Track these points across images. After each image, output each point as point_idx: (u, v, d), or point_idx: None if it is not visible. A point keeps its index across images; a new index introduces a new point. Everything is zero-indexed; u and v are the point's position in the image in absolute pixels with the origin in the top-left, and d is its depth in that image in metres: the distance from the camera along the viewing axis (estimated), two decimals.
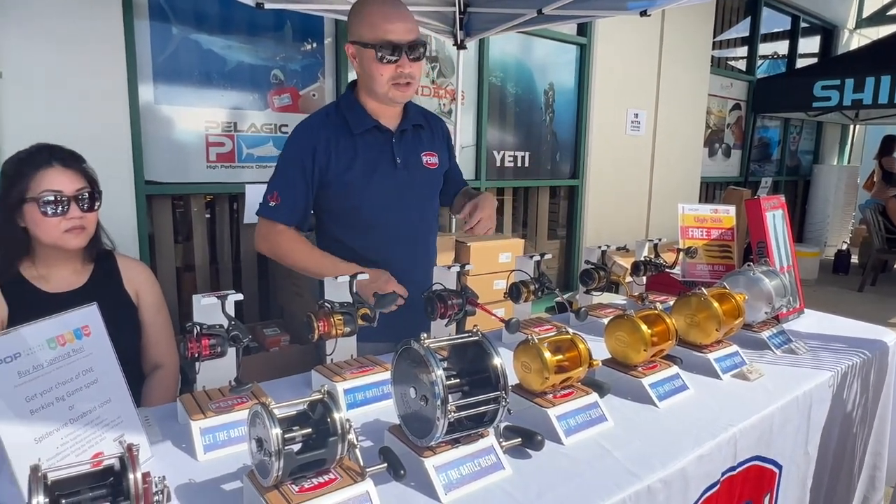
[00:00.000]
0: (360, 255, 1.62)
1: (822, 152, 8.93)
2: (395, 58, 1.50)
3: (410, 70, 1.54)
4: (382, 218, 1.64)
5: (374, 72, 1.53)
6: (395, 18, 1.50)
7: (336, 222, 1.66)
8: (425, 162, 1.71)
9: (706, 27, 6.10)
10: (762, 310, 1.71)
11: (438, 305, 1.41)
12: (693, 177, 6.36)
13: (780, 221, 2.05)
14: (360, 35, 1.52)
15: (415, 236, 1.73)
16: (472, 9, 3.30)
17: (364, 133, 1.61)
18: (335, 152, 1.57)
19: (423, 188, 1.73)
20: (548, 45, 4.74)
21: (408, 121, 1.69)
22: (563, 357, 1.21)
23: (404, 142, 1.67)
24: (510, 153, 4.63)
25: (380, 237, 1.65)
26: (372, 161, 1.61)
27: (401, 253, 1.66)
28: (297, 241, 1.62)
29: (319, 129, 1.59)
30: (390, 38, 1.49)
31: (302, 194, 1.58)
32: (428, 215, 1.77)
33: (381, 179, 1.62)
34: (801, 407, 1.41)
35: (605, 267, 1.84)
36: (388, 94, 1.56)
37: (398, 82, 1.54)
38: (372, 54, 1.50)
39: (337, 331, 1.24)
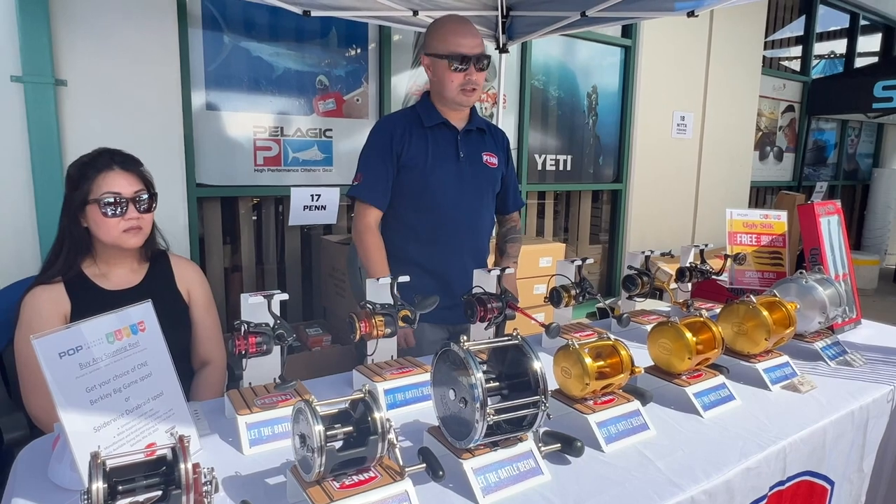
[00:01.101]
0: (418, 235, 1.88)
1: (883, 155, 8.50)
2: (464, 67, 1.78)
3: (476, 78, 1.81)
4: (442, 201, 1.85)
5: (446, 79, 1.80)
6: (466, 34, 1.79)
7: (404, 201, 1.87)
8: (485, 160, 1.95)
9: (757, 27, 5.90)
10: (815, 319, 1.65)
11: (478, 308, 1.41)
12: (743, 181, 6.16)
13: (835, 228, 1.97)
14: (435, 48, 1.81)
15: (469, 223, 1.92)
16: (515, 12, 3.29)
17: (434, 127, 1.87)
18: (409, 141, 1.83)
19: (481, 182, 1.94)
20: (591, 48, 4.68)
21: (473, 123, 1.94)
22: (605, 363, 1.19)
23: (468, 140, 1.92)
24: (552, 157, 4.59)
25: (438, 218, 1.87)
26: (439, 152, 1.86)
27: (453, 235, 1.88)
28: (375, 248, 1.84)
29: (397, 122, 1.88)
30: (461, 51, 1.77)
31: (382, 175, 1.83)
32: (482, 206, 1.96)
33: (445, 168, 1.86)
34: (857, 422, 1.35)
35: (648, 272, 1.81)
36: (456, 98, 1.83)
37: (465, 88, 1.81)
38: (445, 64, 1.79)
39: (378, 331, 1.26)
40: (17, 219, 2.48)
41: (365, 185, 1.84)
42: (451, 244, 1.89)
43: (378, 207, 1.85)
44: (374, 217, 1.86)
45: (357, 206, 1.87)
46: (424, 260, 1.88)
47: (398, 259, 1.87)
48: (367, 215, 1.85)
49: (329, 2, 2.78)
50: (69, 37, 2.52)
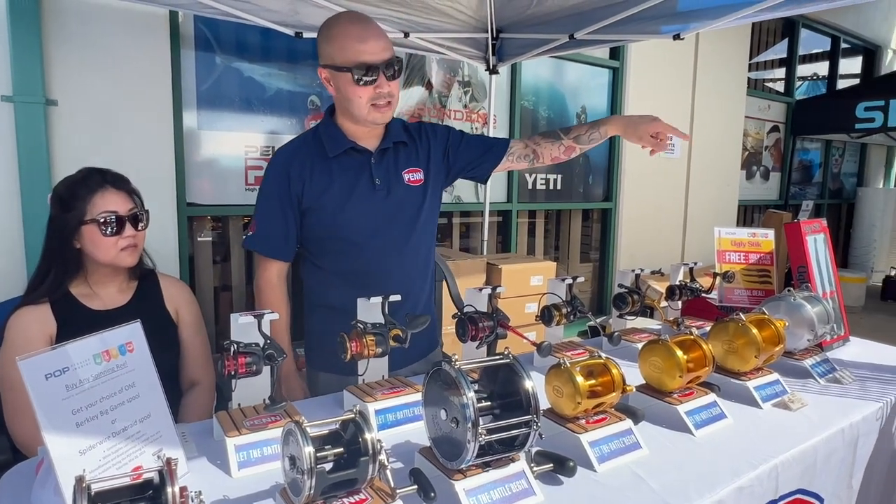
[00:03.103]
0: (342, 281, 1.60)
1: (867, 175, 8.65)
2: (372, 78, 1.45)
3: (389, 89, 1.48)
4: (362, 241, 1.59)
5: (352, 95, 1.48)
6: (368, 38, 1.44)
7: (318, 248, 1.62)
8: (407, 180, 1.64)
9: (742, 49, 6.03)
10: (804, 337, 1.66)
11: (470, 328, 1.41)
12: (730, 200, 6.24)
13: (821, 246, 1.99)
14: (333, 58, 1.47)
15: (396, 258, 1.64)
16: (505, 34, 3.35)
17: (340, 156, 1.57)
18: (310, 177, 1.54)
19: (407, 207, 1.64)
20: (580, 69, 4.76)
21: (388, 139, 1.61)
22: (596, 382, 1.19)
23: (384, 161, 1.61)
24: (542, 176, 4.64)
25: (358, 260, 1.60)
26: (349, 183, 1.57)
27: (379, 275, 1.59)
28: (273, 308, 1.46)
29: (293, 156, 1.57)
30: (365, 59, 1.43)
31: (280, 223, 1.56)
32: (415, 235, 1.67)
33: (359, 202, 1.57)
34: (847, 439, 1.35)
35: (638, 291, 1.82)
36: (367, 116, 1.51)
37: (377, 103, 1.49)
38: (348, 77, 1.45)
39: (369, 351, 1.25)
40: (4, 238, 2.46)
41: (260, 237, 1.57)
42: (378, 285, 1.46)
43: (280, 259, 1.60)
44: (276, 271, 1.60)
45: (255, 259, 1.62)
46: (346, 305, 1.40)
47: (321, 306, 1.65)
48: (266, 269, 1.59)
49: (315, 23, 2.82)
50: (61, 56, 2.53)
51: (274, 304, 1.60)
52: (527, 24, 3.21)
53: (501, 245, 4.46)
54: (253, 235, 1.58)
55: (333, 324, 1.38)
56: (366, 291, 1.45)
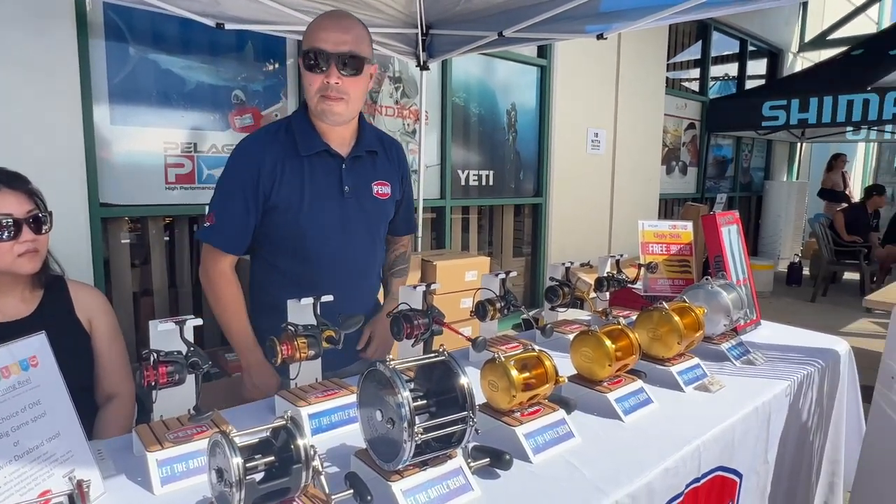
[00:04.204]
0: (297, 285, 1.51)
1: (773, 169, 9.32)
2: (322, 67, 1.41)
3: (339, 83, 1.43)
4: (325, 248, 1.56)
5: (305, 82, 1.46)
6: (330, 28, 1.43)
7: (275, 247, 1.57)
8: (375, 192, 1.62)
9: (660, 50, 6.33)
10: (721, 322, 1.76)
11: (405, 326, 1.40)
12: (652, 193, 6.54)
13: (735, 236, 2.12)
14: (303, 45, 1.47)
15: (358, 269, 1.64)
16: (435, 31, 3.35)
17: (313, 156, 1.52)
18: (281, 175, 1.49)
19: (371, 219, 1.64)
20: (509, 67, 4.84)
21: (361, 146, 1.59)
22: (530, 374, 1.21)
23: (355, 169, 1.58)
24: (475, 172, 4.68)
25: (321, 267, 1.57)
26: (319, 188, 1.52)
27: (342, 285, 1.53)
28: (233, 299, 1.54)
29: (266, 149, 1.50)
30: (319, 46, 1.41)
31: (241, 217, 1.50)
32: (374, 247, 1.68)
33: (326, 207, 1.53)
34: (761, 417, 1.45)
35: (569, 283, 1.86)
36: (316, 106, 1.47)
37: (325, 94, 1.44)
38: (303, 62, 1.45)
39: (301, 354, 1.22)
40: None
41: (217, 230, 1.50)
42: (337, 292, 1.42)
43: (234, 254, 1.54)
44: (228, 263, 1.54)
45: (205, 250, 1.54)
46: None
47: (274, 308, 1.47)
48: (219, 261, 1.52)
49: (244, 15, 2.71)
50: None
51: (231, 295, 1.54)
52: (456, 21, 3.22)
53: (436, 241, 4.48)
54: (210, 227, 1.51)
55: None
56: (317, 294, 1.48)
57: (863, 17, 10.05)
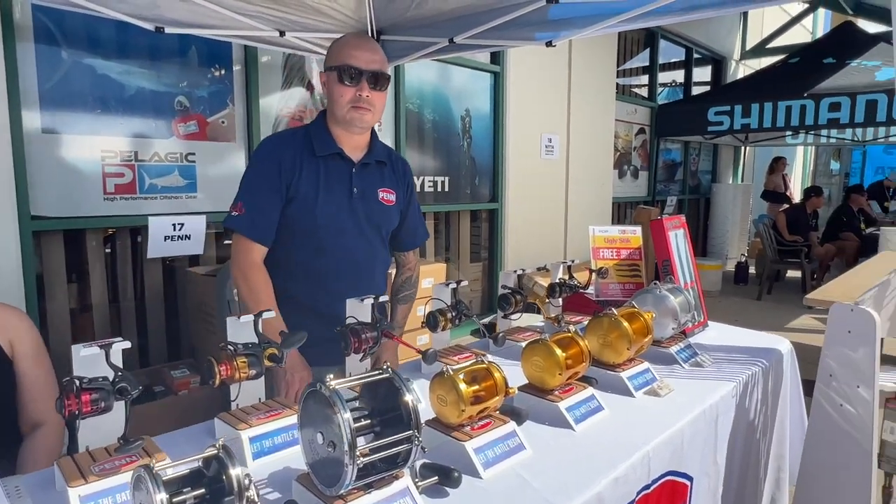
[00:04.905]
0: (305, 275, 1.70)
1: (719, 172, 9.66)
2: (355, 81, 1.60)
3: (369, 95, 1.62)
4: (332, 241, 1.68)
5: (336, 93, 1.62)
6: (362, 47, 1.63)
7: (287, 237, 1.68)
8: (381, 197, 1.77)
9: (610, 57, 6.48)
10: (669, 326, 1.78)
11: (352, 340, 1.36)
12: (605, 197, 6.67)
13: (682, 240, 2.16)
14: (330, 61, 1.65)
15: (363, 265, 1.76)
16: (386, 36, 3.31)
17: (327, 157, 1.68)
18: (299, 171, 1.64)
19: (376, 221, 1.76)
20: (463, 73, 4.85)
21: (371, 155, 1.75)
22: (480, 387, 1.19)
23: (364, 174, 1.73)
24: (430, 178, 4.66)
25: (327, 259, 1.69)
26: (331, 186, 1.68)
27: (344, 276, 1.71)
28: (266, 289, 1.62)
29: (286, 146, 1.67)
30: (352, 63, 1.59)
31: (268, 207, 1.62)
32: (377, 247, 1.79)
33: (336, 205, 1.68)
34: (709, 419, 1.47)
35: (521, 291, 1.86)
36: (346, 115, 1.63)
37: (357, 105, 1.62)
38: (335, 76, 1.61)
39: (240, 374, 1.16)
40: None
41: (248, 219, 1.60)
42: (341, 286, 1.67)
43: (263, 244, 1.63)
44: (259, 254, 1.63)
45: (237, 241, 1.63)
46: (311, 301, 1.70)
47: (281, 299, 1.67)
48: (251, 251, 1.61)
49: (185, 18, 2.61)
50: None
51: (263, 286, 1.62)
52: (408, 27, 3.19)
53: None
54: (240, 217, 1.61)
55: (298, 316, 1.59)
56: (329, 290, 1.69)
57: (798, 27, 10.57)
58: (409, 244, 1.97)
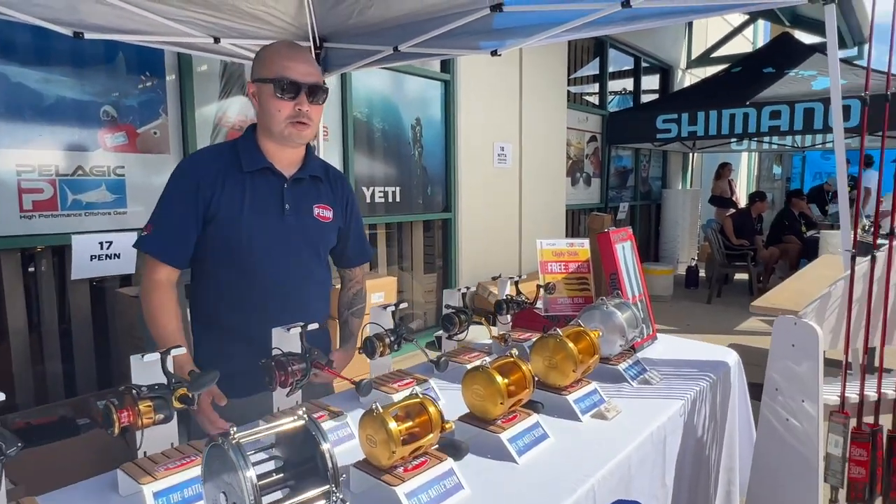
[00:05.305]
0: (232, 298, 1.59)
1: (669, 178, 9.89)
2: (292, 94, 1.51)
3: (308, 110, 1.53)
4: (262, 262, 1.58)
5: (272, 108, 1.52)
6: (299, 59, 1.53)
7: (212, 258, 1.58)
8: (316, 214, 1.66)
9: (561, 66, 6.53)
10: (617, 343, 1.74)
11: (277, 374, 1.25)
12: (559, 205, 6.71)
13: (629, 252, 2.13)
14: (261, 72, 1.53)
15: (297, 286, 1.65)
16: (329, 44, 3.21)
17: (255, 173, 1.57)
18: (221, 189, 1.54)
19: (311, 240, 1.66)
20: (412, 81, 4.77)
21: (305, 170, 1.65)
22: (413, 423, 1.10)
23: (297, 190, 1.63)
24: (380, 188, 4.56)
25: (256, 281, 1.58)
26: (259, 203, 1.57)
27: (276, 299, 1.59)
28: (164, 311, 1.51)
29: (207, 163, 1.58)
30: (289, 76, 1.50)
31: (180, 228, 1.52)
32: (313, 267, 1.68)
33: (266, 223, 1.57)
34: (656, 442, 1.42)
35: (466, 310, 1.78)
36: (283, 131, 1.53)
37: (295, 120, 1.53)
38: (270, 90, 1.51)
39: (144, 420, 1.04)
40: None
41: (156, 238, 1.52)
42: (273, 310, 1.56)
43: (172, 265, 1.54)
44: (165, 275, 1.53)
45: (145, 261, 1.54)
46: (240, 326, 1.59)
47: (208, 324, 1.60)
48: (155, 271, 1.52)
49: (108, 23, 2.44)
50: None
51: (166, 305, 1.51)
52: (351, 35, 3.10)
53: None
54: (148, 236, 1.53)
55: (225, 342, 1.55)
56: (260, 314, 1.55)
57: (740, 38, 10.97)
58: (355, 261, 1.89)
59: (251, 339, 1.54)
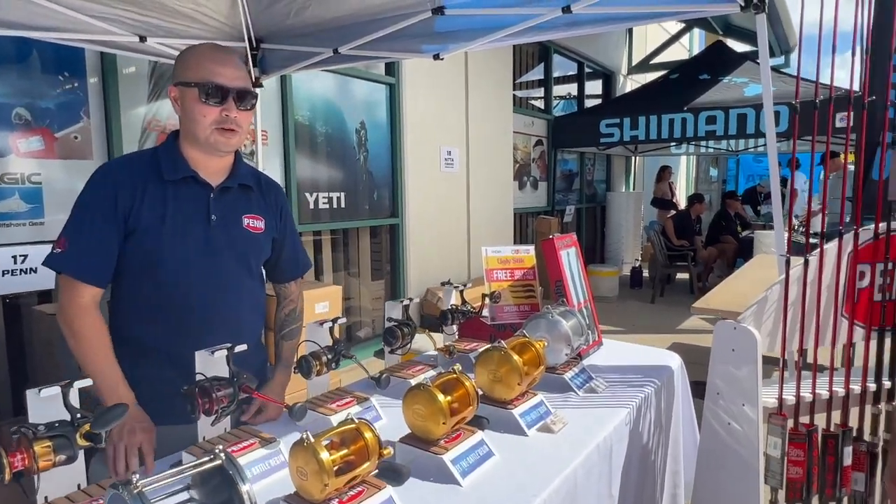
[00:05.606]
0: (155, 317, 1.47)
1: (613, 181, 10.13)
2: (220, 100, 1.42)
3: (236, 116, 1.44)
4: (186, 278, 1.46)
5: (197, 113, 1.42)
6: (224, 62, 1.44)
7: (133, 273, 1.46)
8: (246, 224, 1.56)
9: (506, 70, 6.56)
10: (563, 351, 1.72)
11: (200, 402, 1.15)
12: (507, 209, 6.73)
13: (574, 259, 2.12)
14: (185, 76, 1.43)
15: (227, 301, 1.53)
16: (266, 45, 3.09)
17: (178, 182, 1.47)
18: (140, 198, 1.42)
19: (241, 252, 1.55)
20: (356, 84, 4.68)
21: (234, 179, 1.55)
22: (349, 451, 1.03)
23: (225, 200, 1.53)
24: (325, 194, 4.44)
25: (182, 297, 1.47)
26: (183, 214, 1.46)
27: (204, 316, 1.48)
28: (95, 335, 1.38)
29: (125, 171, 1.45)
30: (216, 80, 1.41)
31: (98, 239, 1.39)
32: (242, 281, 1.57)
33: (189, 235, 1.47)
34: (603, 453, 1.40)
35: (409, 323, 1.72)
36: (209, 138, 1.44)
37: (223, 127, 1.43)
38: (195, 94, 1.41)
39: (41, 463, 0.93)
40: None
41: (74, 255, 1.37)
42: (202, 327, 1.46)
43: (94, 285, 1.39)
44: (89, 296, 1.38)
45: (62, 282, 1.39)
46: (164, 346, 1.46)
47: (128, 343, 1.46)
48: (79, 294, 1.37)
49: (18, 19, 2.26)
50: None
51: (92, 329, 1.38)
52: (289, 36, 2.99)
53: None
54: (62, 254, 1.37)
55: (148, 365, 1.43)
56: (186, 332, 1.44)
57: (677, 45, 11.38)
58: (290, 274, 1.76)
59: (176, 361, 1.43)
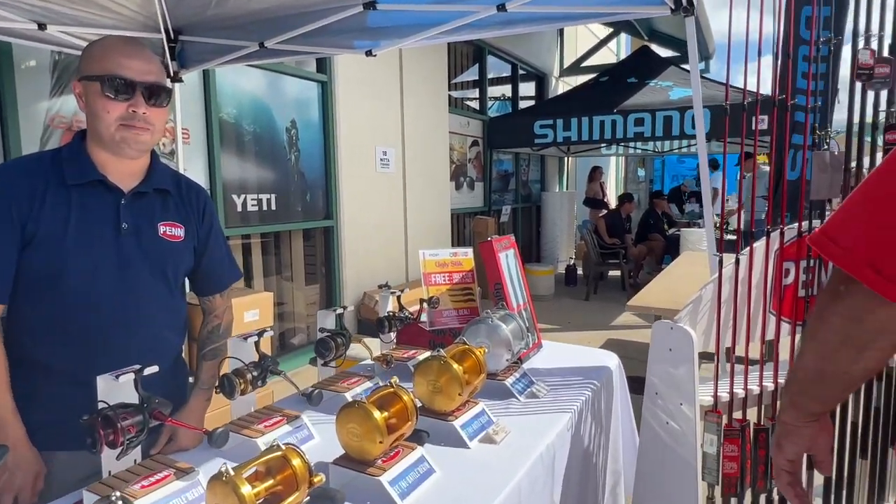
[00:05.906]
0: (55, 335, 1.32)
1: (547, 181, 10.32)
2: (127, 95, 1.29)
3: (146, 113, 1.32)
4: (93, 290, 1.33)
5: (101, 109, 1.29)
6: (131, 55, 1.32)
7: (33, 288, 1.32)
8: (162, 232, 1.43)
9: (441, 70, 6.53)
10: (504, 357, 1.68)
11: (102, 433, 1.02)
12: (444, 210, 6.70)
13: (512, 260, 2.09)
14: (90, 69, 1.30)
15: (140, 317, 1.40)
16: (185, 37, 2.89)
17: (84, 186, 1.33)
18: (40, 204, 1.29)
19: (156, 263, 1.42)
20: (286, 81, 4.49)
21: (149, 183, 1.42)
22: (275, 481, 0.94)
23: (138, 206, 1.40)
24: (253, 196, 4.23)
25: (89, 313, 1.33)
26: (88, 222, 1.33)
27: (114, 334, 1.35)
28: None
29: (21, 175, 1.31)
30: (122, 73, 1.29)
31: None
32: (159, 295, 1.43)
33: (96, 246, 1.33)
34: (546, 463, 1.37)
35: (343, 333, 1.63)
36: (114, 136, 1.31)
37: (128, 123, 1.31)
38: (98, 88, 1.28)
39: None
40: None
41: None
42: (112, 346, 1.34)
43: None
44: None
45: None
46: (71, 368, 1.33)
47: (28, 364, 1.32)
48: None
49: None
50: None
51: None
52: (211, 28, 2.81)
53: None
54: None
55: (50, 387, 1.32)
56: (94, 352, 1.31)
57: (606, 49, 11.75)
58: (215, 287, 1.61)
59: (80, 382, 1.26)
